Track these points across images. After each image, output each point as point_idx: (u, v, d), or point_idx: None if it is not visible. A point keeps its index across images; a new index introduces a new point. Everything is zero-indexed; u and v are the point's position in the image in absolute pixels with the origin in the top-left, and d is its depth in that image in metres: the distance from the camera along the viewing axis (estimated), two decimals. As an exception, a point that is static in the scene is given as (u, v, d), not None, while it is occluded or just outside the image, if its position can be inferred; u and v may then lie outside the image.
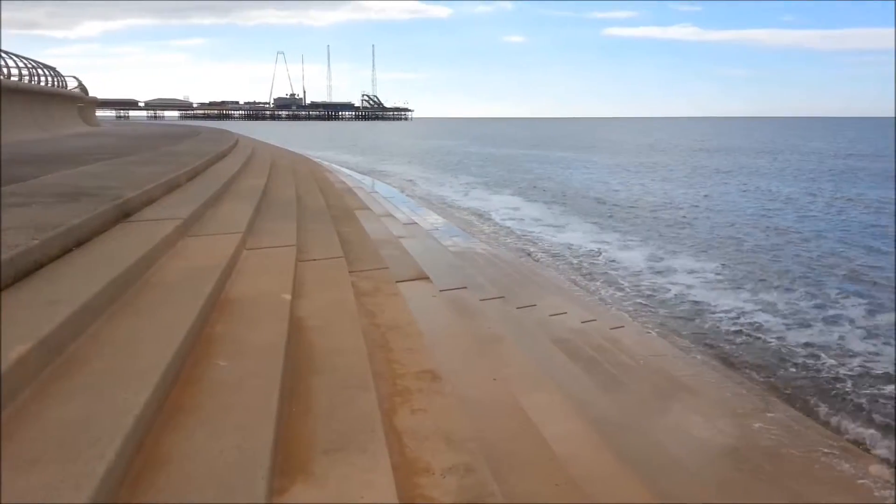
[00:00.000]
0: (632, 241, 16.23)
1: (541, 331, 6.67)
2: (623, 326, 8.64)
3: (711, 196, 25.81)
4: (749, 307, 10.30)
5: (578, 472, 3.17)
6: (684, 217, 20.42)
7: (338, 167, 30.23)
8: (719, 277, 12.36)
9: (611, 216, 20.37)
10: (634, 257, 14.27)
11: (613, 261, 13.90)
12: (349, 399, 2.83)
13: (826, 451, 5.40)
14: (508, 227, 17.81)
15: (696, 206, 22.67)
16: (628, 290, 11.42)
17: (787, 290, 11.50)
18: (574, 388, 4.85)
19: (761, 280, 12.16)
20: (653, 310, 10.20)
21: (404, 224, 12.22)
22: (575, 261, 13.84)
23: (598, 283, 11.84)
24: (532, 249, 14.90)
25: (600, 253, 14.69)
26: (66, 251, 3.59)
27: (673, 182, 31.41)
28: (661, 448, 4.33)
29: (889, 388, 7.10)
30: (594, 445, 3.74)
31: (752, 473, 4.57)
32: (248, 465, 2.05)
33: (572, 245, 15.51)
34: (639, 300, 10.74)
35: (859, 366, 7.81)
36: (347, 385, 2.98)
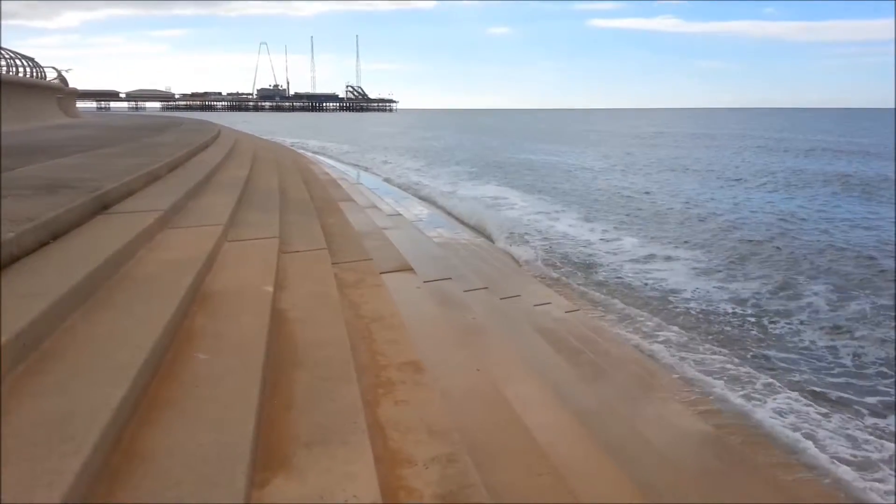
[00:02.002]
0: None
1: (525, 321, 6.68)
2: (606, 315, 8.67)
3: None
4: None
5: (561, 462, 3.18)
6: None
7: (322, 158, 30.14)
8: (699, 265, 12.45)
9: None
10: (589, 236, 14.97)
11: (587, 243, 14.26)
12: (331, 391, 2.81)
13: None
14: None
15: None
16: (611, 276, 11.43)
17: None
18: (557, 379, 4.86)
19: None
20: (636, 298, 10.22)
21: (389, 215, 12.18)
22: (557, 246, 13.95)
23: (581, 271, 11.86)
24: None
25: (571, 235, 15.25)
26: (43, 244, 3.54)
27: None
28: (642, 437, 4.35)
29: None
30: (577, 435, 3.76)
31: (732, 462, 4.61)
32: (227, 459, 2.03)
33: (564, 232, 15.70)
34: (622, 288, 10.75)
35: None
36: (330, 377, 2.95)
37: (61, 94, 24.68)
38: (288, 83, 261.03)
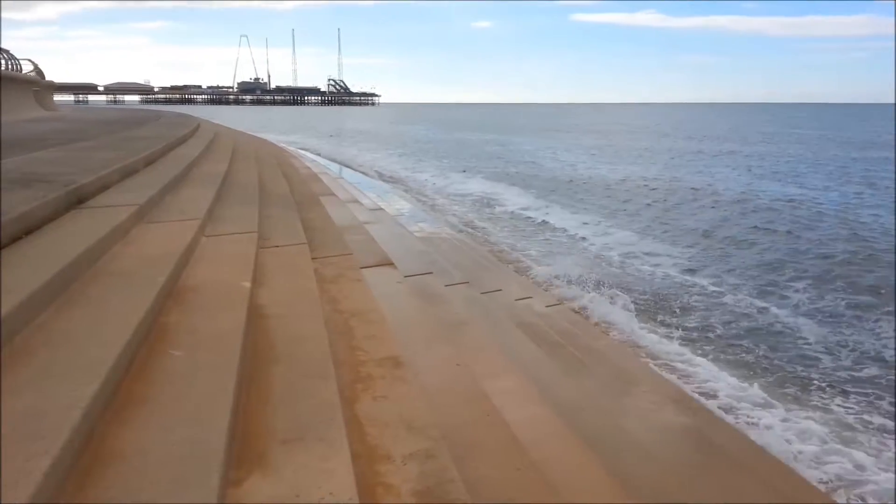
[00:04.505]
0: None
1: (506, 315, 6.67)
2: (588, 310, 8.70)
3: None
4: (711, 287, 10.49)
5: (540, 456, 3.19)
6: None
7: (303, 152, 29.90)
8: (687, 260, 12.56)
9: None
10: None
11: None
12: (309, 388, 2.79)
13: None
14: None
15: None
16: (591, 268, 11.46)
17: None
18: (538, 373, 4.86)
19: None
20: (616, 289, 10.26)
21: (370, 210, 12.12)
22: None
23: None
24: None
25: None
26: (15, 239, 3.47)
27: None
28: (622, 430, 4.37)
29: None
30: (557, 429, 3.76)
31: (712, 454, 4.63)
32: (201, 457, 2.00)
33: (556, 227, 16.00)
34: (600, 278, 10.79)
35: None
36: (308, 374, 2.93)
37: (38, 86, 24.24)
38: (269, 76, 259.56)
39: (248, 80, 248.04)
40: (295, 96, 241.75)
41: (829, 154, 38.29)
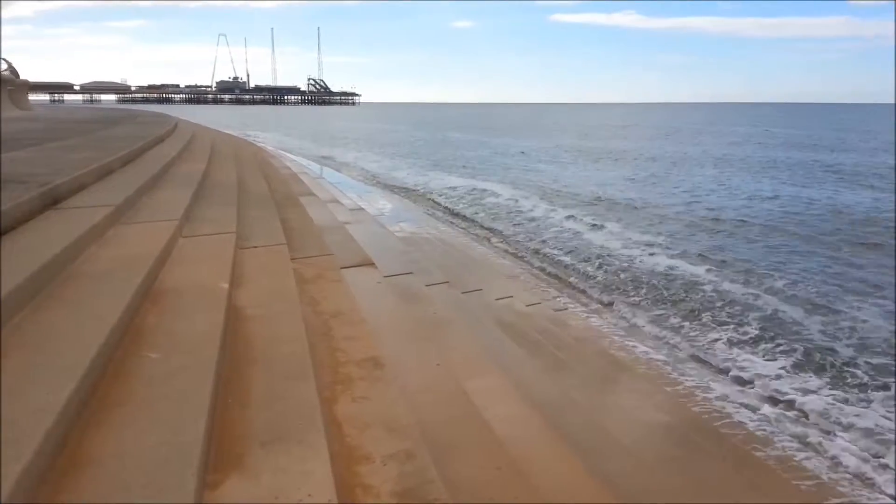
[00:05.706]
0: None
1: (486, 315, 6.69)
2: (567, 309, 8.75)
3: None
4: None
5: (520, 455, 3.20)
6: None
7: (283, 152, 29.75)
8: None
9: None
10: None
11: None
12: (288, 389, 2.77)
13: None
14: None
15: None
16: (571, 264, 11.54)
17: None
18: (518, 372, 4.88)
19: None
20: (597, 286, 10.33)
21: (351, 210, 12.08)
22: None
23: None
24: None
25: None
26: (-13, 241, 3.42)
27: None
28: (603, 429, 4.40)
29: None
30: (537, 428, 3.78)
31: (691, 450, 4.69)
32: (178, 461, 1.99)
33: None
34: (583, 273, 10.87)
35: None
36: (286, 375, 2.91)
37: (12, 86, 23.85)
38: (248, 76, 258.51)
39: (226, 79, 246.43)
40: (274, 96, 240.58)
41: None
